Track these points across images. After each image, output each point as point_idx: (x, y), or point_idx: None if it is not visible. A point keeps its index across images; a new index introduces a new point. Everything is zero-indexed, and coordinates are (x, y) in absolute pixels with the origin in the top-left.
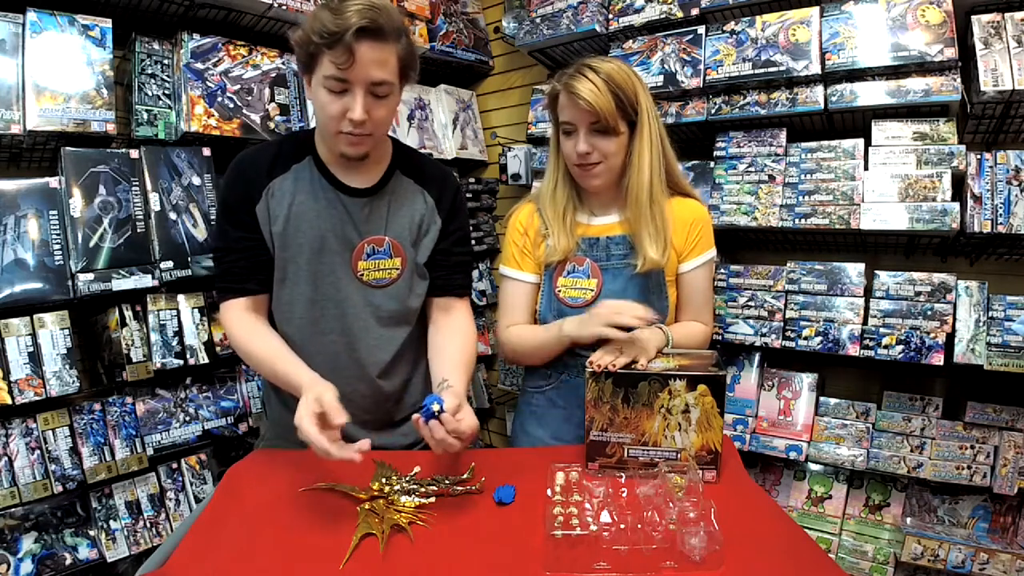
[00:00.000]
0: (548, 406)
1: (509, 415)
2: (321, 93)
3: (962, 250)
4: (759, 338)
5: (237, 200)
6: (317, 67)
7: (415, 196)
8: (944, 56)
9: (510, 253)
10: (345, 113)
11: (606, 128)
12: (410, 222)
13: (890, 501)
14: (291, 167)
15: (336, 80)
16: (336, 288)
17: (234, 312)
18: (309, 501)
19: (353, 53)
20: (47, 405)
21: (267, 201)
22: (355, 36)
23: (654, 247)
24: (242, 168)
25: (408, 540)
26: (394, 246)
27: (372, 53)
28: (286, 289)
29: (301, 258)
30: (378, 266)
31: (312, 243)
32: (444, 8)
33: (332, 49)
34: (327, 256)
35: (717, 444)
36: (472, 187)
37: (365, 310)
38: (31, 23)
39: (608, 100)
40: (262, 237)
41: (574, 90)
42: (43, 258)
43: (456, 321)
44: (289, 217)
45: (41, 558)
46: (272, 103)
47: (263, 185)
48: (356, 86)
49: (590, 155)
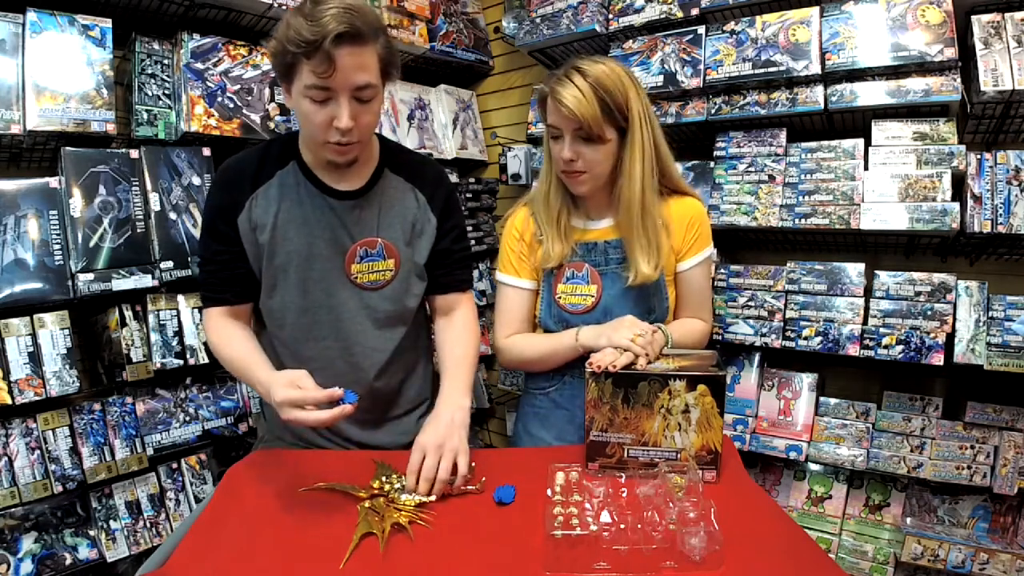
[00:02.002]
0: (551, 407)
1: (509, 415)
2: (304, 103)
3: (962, 250)
4: (759, 338)
5: (218, 211)
6: (296, 76)
7: (406, 194)
8: (944, 56)
9: (507, 259)
10: (331, 122)
11: (590, 136)
12: (402, 221)
13: (890, 501)
14: (275, 174)
15: (318, 89)
16: (328, 294)
17: (213, 319)
18: (309, 501)
19: (334, 60)
20: (47, 405)
21: (250, 211)
22: (334, 43)
23: (646, 261)
24: (226, 177)
25: (408, 539)
26: (387, 247)
27: (352, 58)
28: (276, 298)
29: (290, 266)
30: (371, 268)
31: (301, 251)
32: (444, 8)
33: (311, 58)
34: (317, 263)
35: (717, 444)
36: (472, 187)
37: (360, 313)
38: (31, 23)
39: (593, 108)
40: (240, 249)
41: (558, 96)
42: (43, 258)
43: (461, 317)
44: (276, 226)
45: (41, 558)
46: (272, 103)
47: (247, 195)
48: (340, 93)
49: (575, 162)
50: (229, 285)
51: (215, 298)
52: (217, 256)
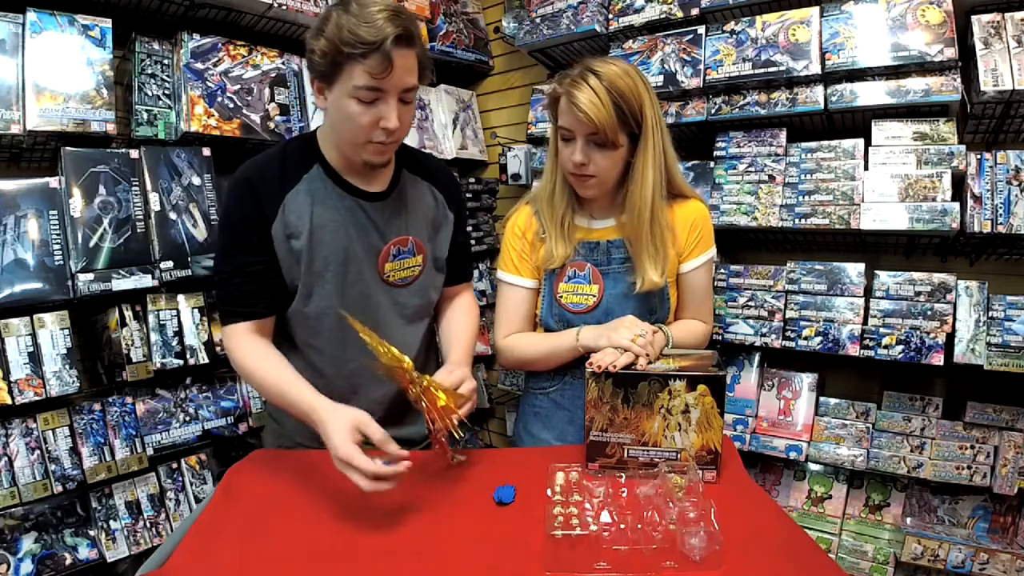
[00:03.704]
0: (553, 408)
1: (509, 415)
2: (349, 103)
3: (962, 250)
4: (759, 338)
5: (247, 221)
6: (343, 76)
7: (424, 193)
8: (944, 56)
9: (508, 258)
10: (378, 122)
11: (604, 142)
12: (425, 219)
13: (890, 501)
14: (302, 178)
15: (370, 90)
16: (365, 296)
17: (239, 336)
18: (309, 501)
19: (392, 62)
20: (47, 405)
21: (284, 217)
22: (393, 44)
23: (655, 269)
24: (251, 184)
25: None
26: (416, 244)
27: (405, 60)
28: (312, 304)
29: (328, 271)
30: (403, 266)
31: (337, 255)
32: (444, 8)
33: (367, 59)
34: (353, 265)
35: (717, 444)
36: (472, 187)
37: (392, 311)
38: (31, 23)
39: (609, 113)
40: (274, 259)
41: (574, 99)
42: (43, 258)
43: (463, 302)
44: (311, 231)
45: (41, 558)
46: (272, 103)
47: (278, 200)
48: (389, 95)
49: (586, 166)
50: (261, 296)
51: (242, 312)
52: (246, 268)
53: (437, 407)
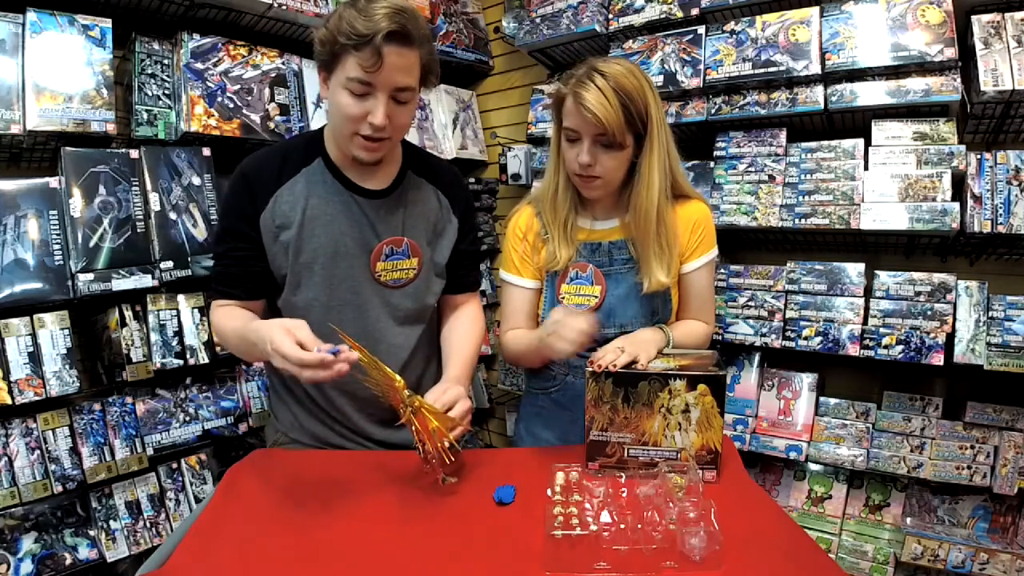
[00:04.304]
0: (554, 408)
1: (509, 415)
2: (342, 94)
3: (962, 250)
4: (759, 338)
5: (238, 208)
6: (339, 67)
7: (428, 196)
8: (944, 56)
9: (510, 259)
10: (365, 116)
11: (611, 142)
12: (425, 222)
13: (890, 501)
14: (301, 170)
15: (360, 83)
16: (354, 292)
17: (218, 308)
18: (309, 501)
19: (381, 57)
20: (47, 405)
21: (274, 208)
22: (384, 40)
23: (662, 269)
24: (247, 176)
25: (408, 538)
26: (412, 246)
27: (398, 58)
28: (300, 295)
29: (316, 263)
30: (396, 266)
31: (327, 247)
32: (444, 8)
33: (359, 51)
34: (344, 260)
35: (717, 444)
36: (472, 187)
37: (383, 311)
38: (31, 23)
39: (617, 114)
40: (259, 247)
41: (582, 100)
42: (43, 258)
43: (468, 312)
44: (303, 222)
45: (41, 558)
46: (272, 103)
47: (271, 192)
48: (379, 90)
49: (592, 167)
50: (242, 281)
51: (225, 292)
52: (232, 252)
53: (427, 429)
